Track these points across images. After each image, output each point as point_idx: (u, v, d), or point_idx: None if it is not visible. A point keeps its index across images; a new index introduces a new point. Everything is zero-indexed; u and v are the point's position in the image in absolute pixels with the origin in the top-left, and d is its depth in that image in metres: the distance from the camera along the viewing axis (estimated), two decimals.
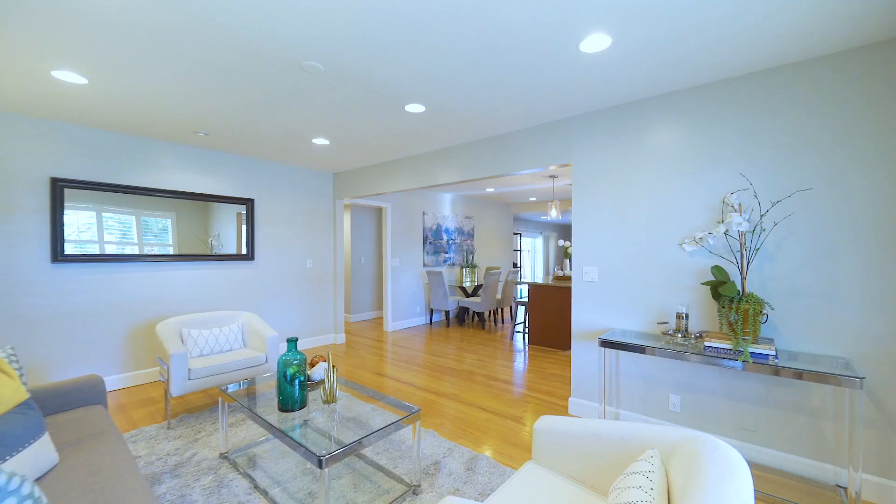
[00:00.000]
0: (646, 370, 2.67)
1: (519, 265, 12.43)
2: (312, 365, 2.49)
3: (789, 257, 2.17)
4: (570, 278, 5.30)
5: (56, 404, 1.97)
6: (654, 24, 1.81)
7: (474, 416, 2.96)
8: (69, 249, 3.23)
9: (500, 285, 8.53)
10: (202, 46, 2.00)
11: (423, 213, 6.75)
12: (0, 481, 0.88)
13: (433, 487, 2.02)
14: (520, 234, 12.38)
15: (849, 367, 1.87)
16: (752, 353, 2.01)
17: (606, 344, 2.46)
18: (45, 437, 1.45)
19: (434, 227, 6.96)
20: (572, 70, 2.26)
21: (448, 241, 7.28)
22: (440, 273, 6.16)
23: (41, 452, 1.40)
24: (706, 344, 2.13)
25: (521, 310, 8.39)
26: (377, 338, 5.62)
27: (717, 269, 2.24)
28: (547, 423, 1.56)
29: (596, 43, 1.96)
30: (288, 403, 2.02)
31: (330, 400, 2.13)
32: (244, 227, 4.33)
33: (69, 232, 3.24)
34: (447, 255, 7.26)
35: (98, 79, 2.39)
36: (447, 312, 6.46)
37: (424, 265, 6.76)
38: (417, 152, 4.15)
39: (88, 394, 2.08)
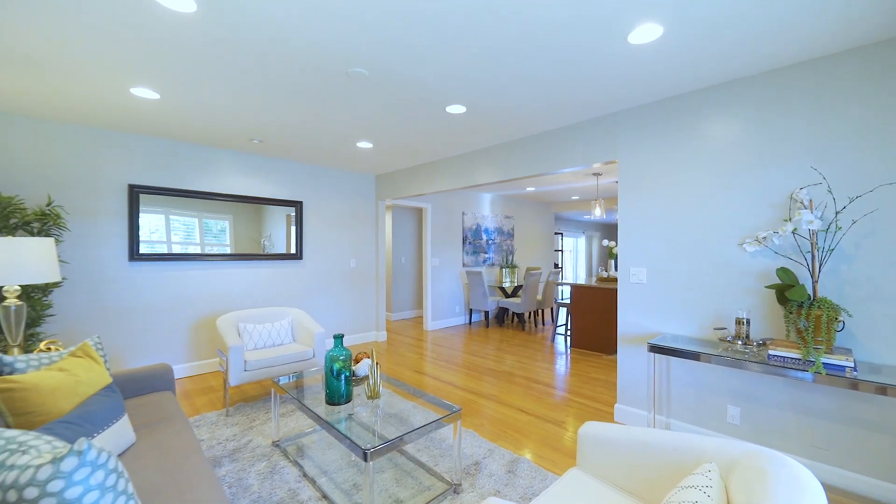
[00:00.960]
0: (700, 378, 2.51)
1: (560, 266, 12.11)
2: (357, 361, 2.57)
3: (871, 258, 1.95)
4: (614, 279, 5.09)
5: (132, 389, 2.18)
6: (712, 8, 1.69)
7: (514, 418, 2.92)
8: (143, 249, 3.57)
9: (541, 286, 8.36)
10: (258, 60, 2.14)
11: (463, 214, 6.76)
12: (91, 455, 1.00)
13: (474, 487, 2.02)
14: (561, 233, 12.06)
15: None
16: (826, 364, 1.83)
17: (656, 349, 2.34)
18: (125, 419, 1.61)
19: (473, 227, 6.96)
20: (619, 63, 2.17)
21: (487, 241, 7.24)
22: (479, 273, 6.14)
23: (122, 432, 1.56)
24: (770, 352, 1.97)
25: (563, 311, 8.17)
26: (417, 336, 5.70)
27: (783, 272, 2.06)
28: (592, 429, 1.51)
29: (646, 34, 1.87)
30: (334, 397, 2.11)
31: (373, 396, 2.20)
32: (293, 228, 4.56)
33: (143, 233, 3.58)
34: (486, 255, 7.23)
35: (168, 94, 2.62)
36: (486, 313, 6.43)
37: (464, 265, 6.78)
38: (457, 153, 4.17)
39: (159, 381, 2.29)
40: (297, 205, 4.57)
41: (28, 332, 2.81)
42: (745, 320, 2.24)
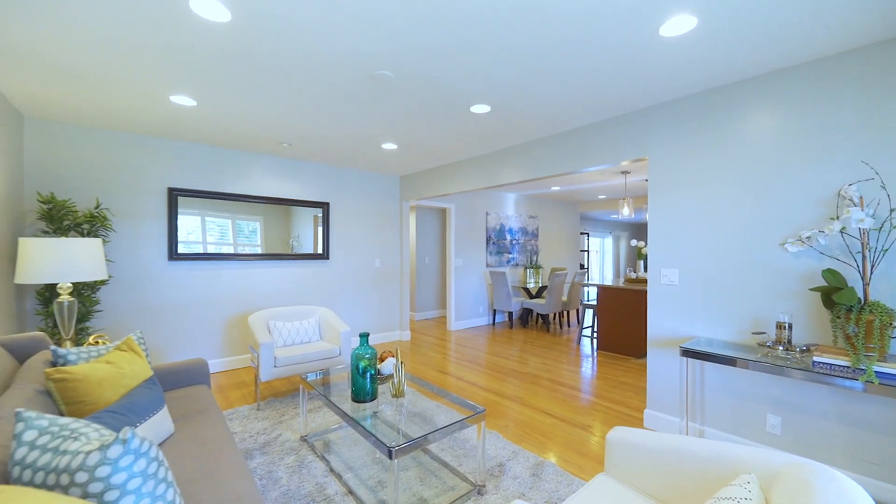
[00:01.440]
0: (737, 385, 2.39)
1: (586, 266, 11.85)
2: (382, 360, 2.61)
3: None
4: (643, 281, 4.93)
5: (170, 382, 2.29)
6: None
7: (539, 420, 2.88)
8: (181, 249, 3.75)
9: (566, 287, 8.21)
10: (288, 66, 2.20)
11: (487, 214, 6.73)
12: (134, 444, 1.05)
13: (498, 489, 2.01)
14: (587, 233, 11.80)
15: None
16: (879, 373, 1.70)
17: (689, 353, 2.25)
18: (165, 410, 1.69)
19: (497, 227, 6.91)
20: (650, 57, 2.10)
21: (511, 241, 7.18)
22: (503, 273, 6.09)
23: (162, 422, 1.64)
24: (815, 359, 1.85)
25: (589, 313, 7.99)
26: (441, 336, 5.72)
27: (829, 273, 1.94)
28: (621, 435, 1.47)
29: (678, 25, 1.80)
30: (360, 395, 2.14)
31: (398, 394, 2.22)
32: (320, 229, 4.68)
33: (181, 234, 3.75)
34: (510, 256, 7.17)
35: (204, 100, 2.74)
36: (510, 314, 6.37)
37: (487, 265, 6.74)
38: (481, 153, 4.15)
39: (195, 375, 2.40)
40: (324, 206, 4.68)
41: (78, 327, 3.01)
42: (786, 324, 2.11)
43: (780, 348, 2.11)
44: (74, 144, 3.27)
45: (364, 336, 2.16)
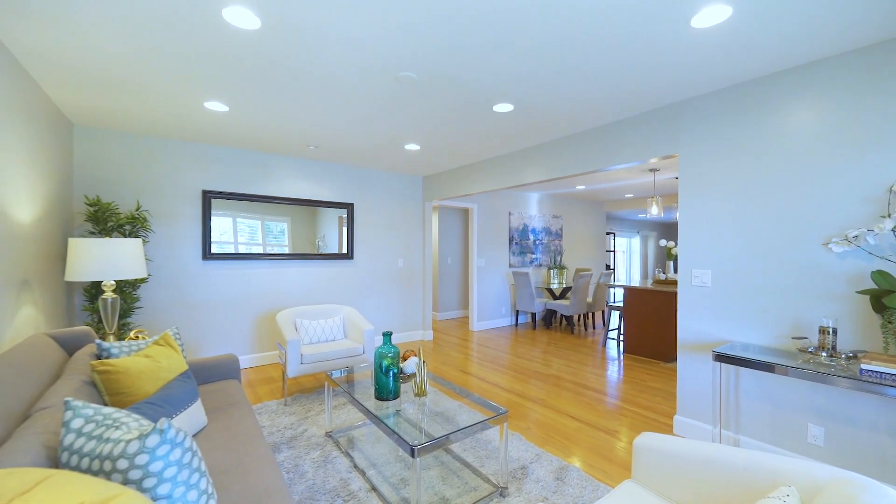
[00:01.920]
0: (775, 392, 2.27)
1: (612, 267, 11.54)
2: (405, 359, 2.63)
3: None
4: (673, 282, 4.76)
5: (204, 376, 2.39)
6: None
7: (563, 423, 2.83)
8: (214, 249, 3.91)
9: (591, 288, 8.03)
10: (314, 71, 2.25)
11: (510, 214, 6.67)
12: (171, 434, 1.11)
13: (521, 492, 1.99)
14: (613, 233, 11.49)
15: None
16: None
17: (723, 358, 2.16)
18: (199, 403, 1.77)
19: (520, 228, 6.84)
20: (680, 50, 2.03)
21: (535, 241, 7.09)
22: (526, 274, 6.02)
23: (196, 414, 1.72)
24: (863, 367, 1.73)
25: (616, 315, 7.78)
26: (463, 336, 5.71)
27: (879, 275, 1.81)
28: (650, 441, 1.42)
29: (712, 16, 1.72)
30: (383, 393, 2.17)
31: (420, 393, 2.23)
32: (345, 230, 4.77)
33: (214, 234, 3.92)
34: (534, 256, 7.08)
35: (236, 106, 2.84)
36: (533, 315, 6.29)
37: (510, 266, 6.69)
38: (504, 152, 4.12)
39: (227, 370, 2.49)
40: (349, 207, 4.77)
41: (120, 322, 3.19)
42: (830, 329, 1.99)
43: (824, 354, 1.99)
44: (117, 150, 3.47)
45: (387, 335, 2.19)
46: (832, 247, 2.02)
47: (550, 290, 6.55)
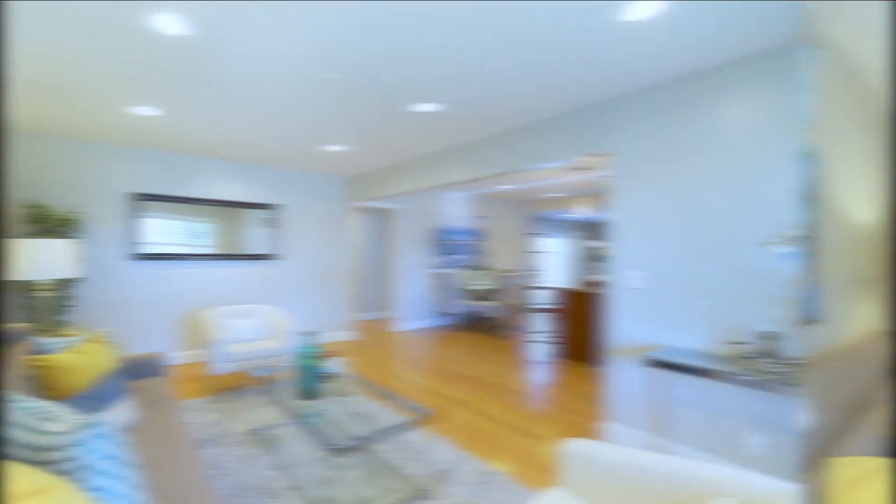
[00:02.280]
0: (713, 399, 2.19)
1: (538, 268, 11.72)
2: (328, 358, 2.74)
3: None
4: (601, 283, 4.69)
5: (132, 373, 2.41)
6: None
7: (487, 427, 2.84)
8: (142, 250, 3.94)
9: (516, 290, 7.90)
10: (243, 76, 2.37)
11: (434, 214, 6.69)
12: (102, 428, 1.21)
13: (444, 496, 2.00)
14: (540, 234, 11.59)
15: None
16: None
17: (656, 363, 2.12)
18: (128, 398, 1.84)
19: (444, 228, 6.82)
20: (611, 44, 1.95)
21: (459, 242, 7.02)
22: (450, 275, 6.08)
23: (125, 409, 1.78)
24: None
25: (542, 317, 7.91)
26: (386, 337, 5.83)
27: None
28: (579, 447, 1.37)
29: (643, 8, 1.66)
30: (305, 392, 2.28)
31: (343, 393, 2.37)
32: (270, 231, 4.83)
33: (141, 236, 3.95)
34: (458, 257, 7.00)
35: (167, 110, 2.92)
36: (457, 316, 6.37)
37: (434, 266, 6.68)
38: (429, 151, 4.05)
39: (154, 367, 2.53)
40: (274, 208, 4.84)
41: (55, 320, 3.13)
42: (770, 334, 1.92)
43: (764, 360, 1.89)
44: (52, 154, 3.52)
45: (310, 335, 2.29)
46: (771, 247, 1.95)
47: (475, 291, 6.53)
